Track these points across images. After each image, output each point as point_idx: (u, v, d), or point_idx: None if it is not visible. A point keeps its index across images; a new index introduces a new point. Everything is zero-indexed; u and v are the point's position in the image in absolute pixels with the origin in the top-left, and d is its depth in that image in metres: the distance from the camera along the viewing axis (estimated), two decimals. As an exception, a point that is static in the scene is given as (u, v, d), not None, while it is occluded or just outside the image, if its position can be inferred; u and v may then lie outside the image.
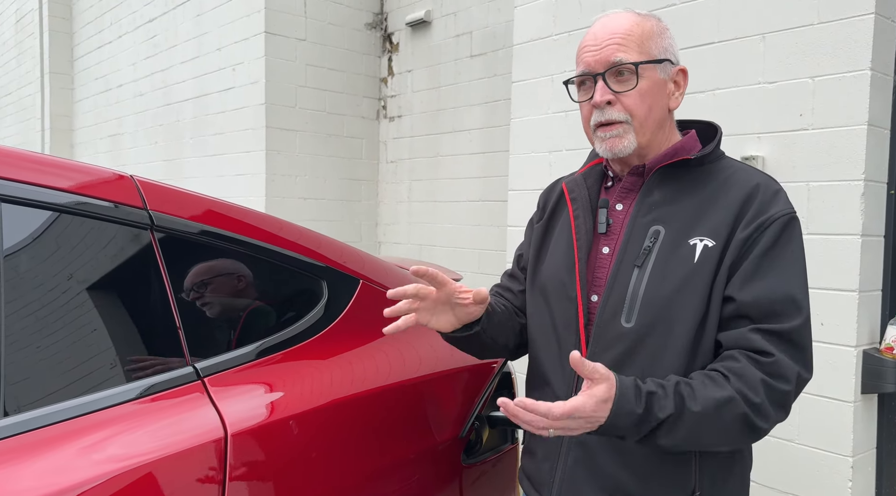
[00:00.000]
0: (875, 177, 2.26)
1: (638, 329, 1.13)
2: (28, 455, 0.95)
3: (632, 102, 1.16)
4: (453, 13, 4.87)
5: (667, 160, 1.19)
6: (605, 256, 1.22)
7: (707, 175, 1.18)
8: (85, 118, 7.84)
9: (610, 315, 1.16)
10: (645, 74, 1.16)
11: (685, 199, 1.17)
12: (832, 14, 2.26)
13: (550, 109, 3.25)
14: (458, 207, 4.85)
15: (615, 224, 1.23)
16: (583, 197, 1.27)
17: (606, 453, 1.16)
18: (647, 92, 1.16)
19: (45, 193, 1.07)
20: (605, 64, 1.16)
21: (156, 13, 6.23)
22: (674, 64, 1.20)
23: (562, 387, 1.22)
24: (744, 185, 1.15)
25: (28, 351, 1.02)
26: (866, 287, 2.24)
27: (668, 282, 1.12)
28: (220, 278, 1.31)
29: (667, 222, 1.16)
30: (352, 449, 1.34)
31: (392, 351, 1.53)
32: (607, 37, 1.17)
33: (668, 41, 1.20)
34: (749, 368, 1.06)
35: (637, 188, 1.22)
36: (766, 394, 1.06)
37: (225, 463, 1.12)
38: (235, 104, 5.14)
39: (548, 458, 1.24)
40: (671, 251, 1.14)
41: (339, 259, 1.51)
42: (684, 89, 1.22)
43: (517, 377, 1.85)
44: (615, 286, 1.16)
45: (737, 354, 1.08)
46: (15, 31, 9.22)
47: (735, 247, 1.11)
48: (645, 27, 1.18)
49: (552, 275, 1.26)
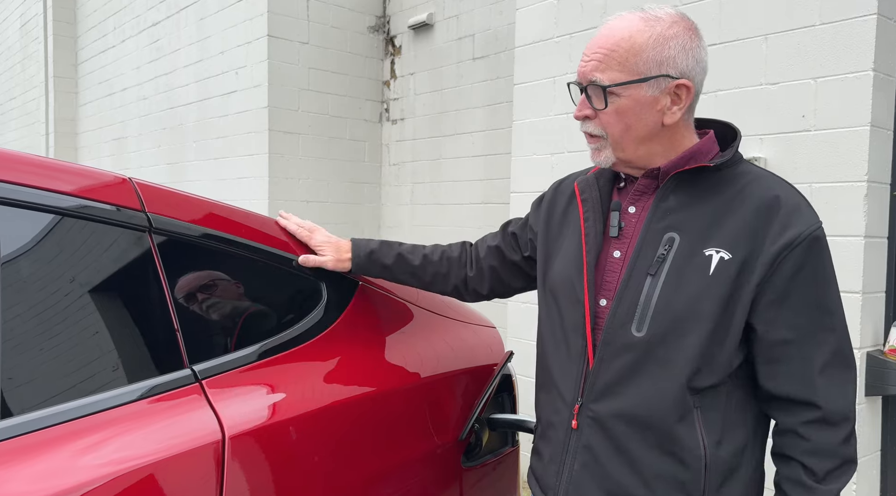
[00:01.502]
0: (878, 178, 2.25)
1: (649, 338, 1.12)
2: (27, 456, 0.95)
3: (606, 120, 1.15)
4: (455, 16, 4.87)
5: (683, 164, 1.16)
6: (615, 260, 1.19)
7: (724, 181, 1.15)
8: (89, 122, 7.87)
9: (620, 322, 1.15)
10: (623, 94, 1.12)
11: (701, 206, 1.14)
12: (834, 15, 2.26)
13: (552, 111, 3.24)
14: (460, 210, 4.85)
15: (627, 227, 1.20)
16: (594, 198, 1.25)
17: (613, 458, 1.15)
18: (625, 111, 1.13)
19: (43, 196, 1.07)
20: (585, 79, 1.15)
21: (159, 17, 6.25)
22: (673, 78, 1.12)
23: (568, 390, 1.21)
24: (762, 196, 1.11)
25: (28, 353, 1.02)
26: (870, 289, 2.23)
27: (682, 292, 1.11)
28: (218, 280, 1.31)
29: (682, 229, 1.13)
30: (351, 451, 1.33)
31: (392, 353, 1.53)
32: (595, 49, 1.14)
33: (671, 52, 1.11)
34: (818, 444, 1.12)
35: (651, 191, 1.19)
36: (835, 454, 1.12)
37: (222, 465, 1.12)
38: (238, 107, 5.15)
39: (554, 461, 1.24)
40: (686, 260, 1.12)
41: (339, 261, 1.50)
42: (686, 104, 1.14)
43: (518, 379, 1.84)
44: (626, 293, 1.15)
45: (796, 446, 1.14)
46: (20, 35, 9.26)
47: (762, 266, 1.09)
48: (637, 41, 1.11)
49: (562, 277, 1.25)
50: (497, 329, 1.90)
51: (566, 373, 1.22)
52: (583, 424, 1.18)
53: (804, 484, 1.12)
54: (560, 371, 1.24)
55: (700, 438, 1.12)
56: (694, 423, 1.12)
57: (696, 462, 1.12)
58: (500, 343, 1.84)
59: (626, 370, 1.14)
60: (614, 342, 1.15)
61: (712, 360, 1.11)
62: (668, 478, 1.13)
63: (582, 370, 1.19)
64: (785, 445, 1.15)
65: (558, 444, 1.22)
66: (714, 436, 1.13)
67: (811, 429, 1.12)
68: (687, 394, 1.11)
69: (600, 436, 1.17)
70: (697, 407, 1.12)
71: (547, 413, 1.28)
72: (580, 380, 1.19)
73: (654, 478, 1.14)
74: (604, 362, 1.16)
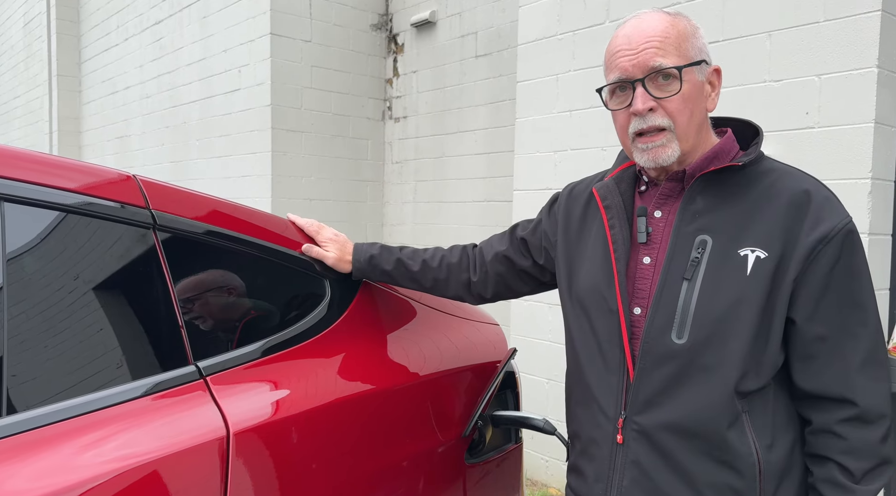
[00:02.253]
0: (882, 175, 2.24)
1: (691, 345, 1.09)
2: (32, 453, 0.96)
3: (674, 108, 1.11)
4: (458, 13, 4.87)
5: (707, 165, 1.14)
6: (646, 267, 1.16)
7: (750, 179, 1.13)
8: (92, 120, 7.89)
9: (659, 330, 1.11)
10: (686, 78, 1.10)
11: (729, 207, 1.12)
12: (838, 12, 2.25)
13: (555, 109, 3.24)
14: (463, 208, 4.85)
15: (655, 232, 1.17)
16: (617, 204, 1.21)
17: (663, 471, 1.12)
18: (689, 96, 1.11)
19: (47, 193, 1.07)
20: (645, 69, 1.10)
21: (162, 15, 6.26)
22: (709, 64, 1.15)
23: (610, 403, 1.17)
24: (792, 191, 1.10)
25: (33, 350, 1.02)
26: (875, 285, 2.23)
27: (721, 295, 1.08)
28: (222, 277, 1.31)
29: (713, 231, 1.11)
30: (354, 447, 1.33)
31: (395, 350, 1.53)
32: (644, 40, 1.11)
33: (702, 41, 1.15)
34: (853, 442, 1.09)
35: (676, 194, 1.17)
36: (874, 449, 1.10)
37: (227, 461, 1.12)
38: (241, 106, 5.16)
39: (600, 480, 1.19)
40: (721, 262, 1.09)
41: (342, 258, 1.51)
42: (719, 89, 1.17)
43: (521, 376, 1.84)
44: (662, 300, 1.12)
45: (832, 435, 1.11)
46: (23, 34, 9.28)
47: (797, 261, 1.07)
48: (679, 28, 1.12)
49: (590, 288, 1.21)
50: (500, 326, 1.91)
51: (606, 387, 1.18)
52: (628, 438, 1.14)
53: (842, 484, 1.08)
54: (599, 384, 1.19)
55: (752, 444, 1.09)
56: (744, 429, 1.09)
57: (749, 469, 1.09)
58: (503, 340, 1.84)
59: (670, 379, 1.10)
60: (654, 351, 1.12)
61: (758, 362, 1.09)
62: (722, 488, 1.10)
63: (622, 382, 1.16)
64: (820, 445, 1.11)
65: (603, 461, 1.18)
66: (765, 439, 1.10)
67: (848, 428, 1.08)
68: (735, 400, 1.08)
69: (648, 450, 1.13)
70: (746, 411, 1.10)
71: (588, 429, 1.23)
72: (621, 393, 1.16)
73: (707, 489, 1.10)
74: (645, 372, 1.12)
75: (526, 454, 1.86)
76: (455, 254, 1.50)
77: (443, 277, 1.49)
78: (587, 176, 1.39)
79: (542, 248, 1.39)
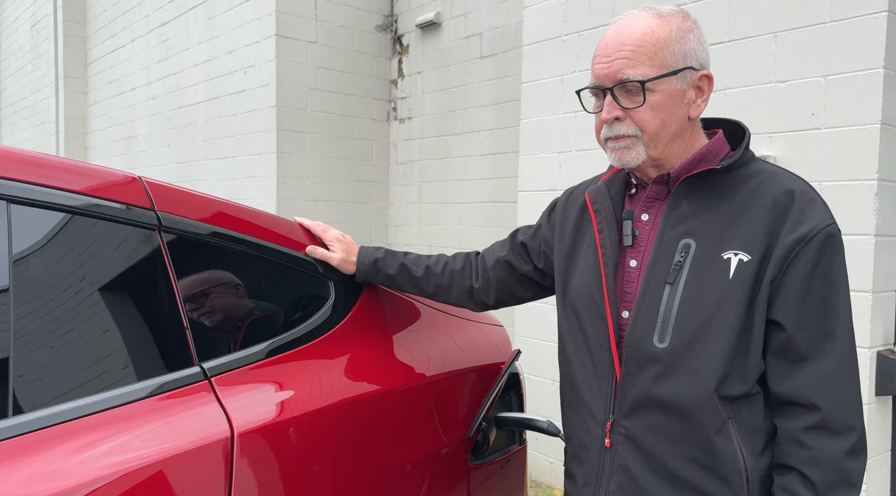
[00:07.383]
0: (889, 176, 2.23)
1: (672, 349, 1.09)
2: (37, 453, 0.96)
3: (641, 118, 1.11)
4: (463, 14, 4.87)
5: (693, 168, 1.14)
6: (633, 270, 1.17)
7: (737, 182, 1.12)
8: (99, 121, 7.92)
9: (641, 334, 1.12)
10: (657, 88, 1.09)
11: (715, 210, 1.11)
12: (844, 12, 2.24)
13: (560, 110, 3.24)
14: (468, 209, 4.85)
15: (641, 235, 1.18)
16: (606, 208, 1.22)
17: (650, 476, 1.12)
18: (660, 106, 1.10)
19: (53, 195, 1.08)
20: (613, 79, 1.11)
21: (168, 17, 6.28)
22: (696, 69, 1.12)
23: (599, 407, 1.18)
24: (776, 193, 1.09)
25: (39, 351, 1.03)
26: (880, 287, 2.22)
27: (703, 299, 1.08)
28: (227, 279, 1.31)
29: (697, 235, 1.11)
30: (358, 449, 1.34)
31: (399, 351, 1.53)
32: (617, 48, 1.11)
33: (692, 44, 1.11)
34: (821, 455, 1.06)
35: (663, 197, 1.17)
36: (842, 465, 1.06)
37: (231, 462, 1.12)
38: (247, 107, 5.17)
39: (589, 484, 1.19)
40: (704, 266, 1.09)
41: (347, 259, 1.51)
42: (708, 95, 1.14)
43: (525, 378, 1.84)
44: (645, 303, 1.12)
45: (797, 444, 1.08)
46: (30, 35, 9.33)
47: (775, 262, 1.06)
48: (660, 35, 1.10)
49: (582, 292, 1.22)
50: (505, 327, 1.90)
51: (595, 390, 1.18)
52: (616, 442, 1.15)
53: (801, 495, 1.05)
54: (589, 388, 1.20)
55: (738, 450, 1.08)
56: (731, 435, 1.08)
57: (736, 476, 1.08)
58: (507, 341, 1.84)
59: (653, 382, 1.10)
60: (638, 355, 1.12)
61: (741, 366, 1.08)
62: (711, 491, 1.09)
63: (611, 386, 1.16)
64: (784, 454, 1.09)
65: (592, 465, 1.19)
66: (753, 447, 1.10)
67: (812, 436, 1.06)
68: (719, 405, 1.08)
69: (635, 454, 1.13)
70: (732, 417, 1.09)
71: (578, 433, 1.23)
72: (610, 397, 1.16)
73: (696, 491, 1.10)
74: (630, 376, 1.13)
75: (530, 456, 1.86)
76: (458, 261, 1.51)
77: (445, 284, 1.49)
78: (586, 179, 1.39)
79: (542, 253, 1.40)
